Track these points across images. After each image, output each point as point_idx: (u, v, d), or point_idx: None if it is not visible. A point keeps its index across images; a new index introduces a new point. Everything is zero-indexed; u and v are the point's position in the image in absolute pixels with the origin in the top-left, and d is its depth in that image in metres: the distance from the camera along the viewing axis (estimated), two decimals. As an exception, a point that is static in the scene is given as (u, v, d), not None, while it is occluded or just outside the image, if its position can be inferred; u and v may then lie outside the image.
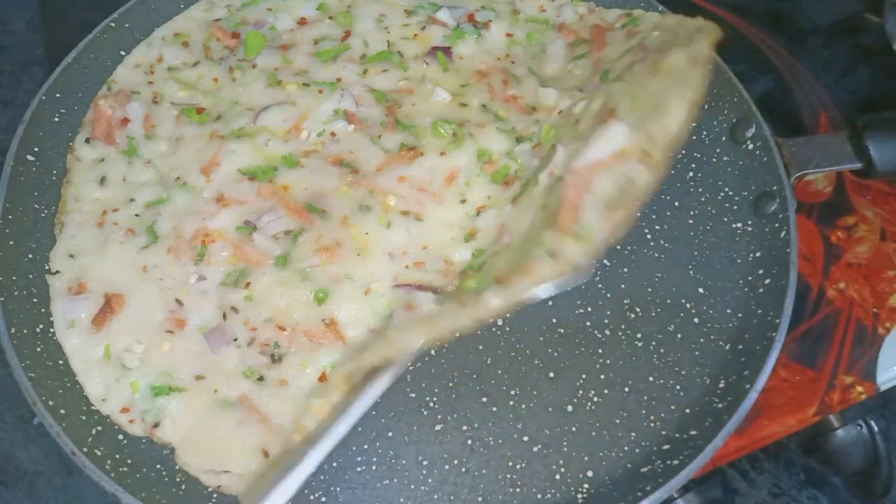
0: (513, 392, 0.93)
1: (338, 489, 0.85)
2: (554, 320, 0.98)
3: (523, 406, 0.92)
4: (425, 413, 0.91)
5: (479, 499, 0.86)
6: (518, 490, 0.87)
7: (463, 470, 0.87)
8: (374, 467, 0.87)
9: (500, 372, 0.94)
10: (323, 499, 0.85)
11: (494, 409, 0.91)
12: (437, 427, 0.90)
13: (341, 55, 1.19)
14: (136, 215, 1.03)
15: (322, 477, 0.86)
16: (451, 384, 0.92)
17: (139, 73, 1.17)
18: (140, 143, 1.09)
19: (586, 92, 1.08)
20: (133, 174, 1.06)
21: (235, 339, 0.94)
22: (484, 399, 0.92)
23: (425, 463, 0.87)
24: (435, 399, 0.91)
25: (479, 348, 0.95)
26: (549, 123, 1.08)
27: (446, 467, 0.87)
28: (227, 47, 1.20)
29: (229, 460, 0.87)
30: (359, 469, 0.86)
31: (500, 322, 0.97)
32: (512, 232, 0.94)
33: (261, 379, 0.92)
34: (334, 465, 0.87)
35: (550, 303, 0.99)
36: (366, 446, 0.88)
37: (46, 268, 0.99)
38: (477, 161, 1.06)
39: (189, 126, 1.11)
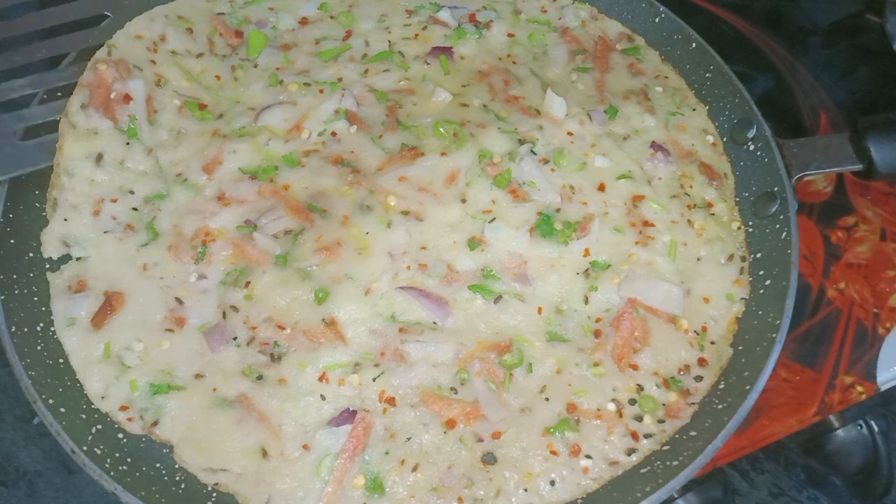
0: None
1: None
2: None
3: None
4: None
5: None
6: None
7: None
8: None
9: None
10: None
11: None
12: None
13: (342, 55, 1.20)
14: (135, 209, 1.02)
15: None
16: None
17: (141, 46, 1.13)
18: (142, 126, 1.07)
19: (595, 121, 1.13)
20: (132, 160, 1.05)
21: (235, 338, 0.94)
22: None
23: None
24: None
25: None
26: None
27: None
28: (230, 45, 1.20)
29: (228, 459, 0.87)
30: None
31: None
32: None
33: (260, 378, 0.92)
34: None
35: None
36: None
37: (47, 267, 0.98)
38: (478, 161, 1.06)
39: (191, 121, 1.10)
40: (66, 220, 1.00)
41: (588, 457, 0.89)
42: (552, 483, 0.88)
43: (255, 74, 1.16)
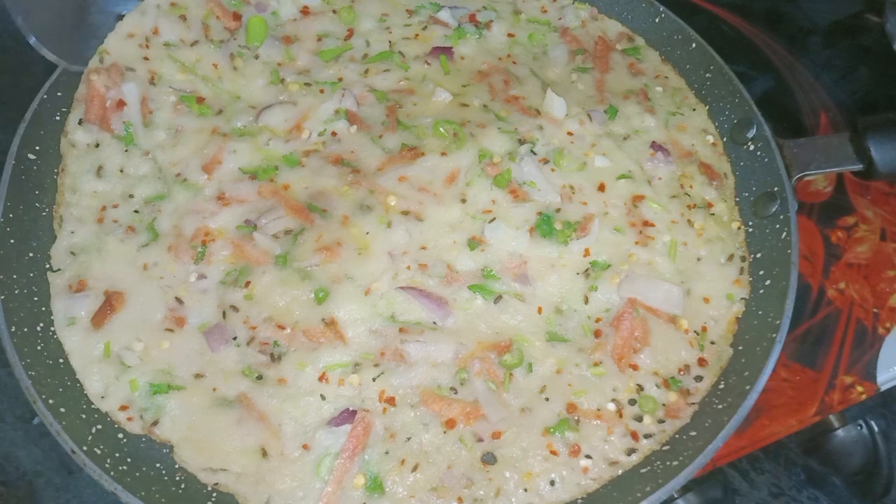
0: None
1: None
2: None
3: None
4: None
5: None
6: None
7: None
8: None
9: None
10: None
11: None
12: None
13: (343, 55, 1.19)
14: (136, 211, 1.03)
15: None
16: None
17: (133, 44, 1.12)
18: (138, 130, 1.07)
19: (595, 122, 1.13)
20: (131, 166, 1.06)
21: (235, 338, 0.94)
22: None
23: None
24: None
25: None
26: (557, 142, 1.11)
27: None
28: (227, 29, 1.17)
29: (228, 459, 0.87)
30: None
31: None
32: None
33: (260, 378, 0.92)
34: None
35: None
36: None
37: (47, 266, 0.99)
38: (478, 161, 1.06)
39: (189, 117, 1.10)
40: (72, 232, 1.01)
41: (588, 457, 0.89)
42: (552, 483, 0.88)
43: (257, 68, 1.16)
